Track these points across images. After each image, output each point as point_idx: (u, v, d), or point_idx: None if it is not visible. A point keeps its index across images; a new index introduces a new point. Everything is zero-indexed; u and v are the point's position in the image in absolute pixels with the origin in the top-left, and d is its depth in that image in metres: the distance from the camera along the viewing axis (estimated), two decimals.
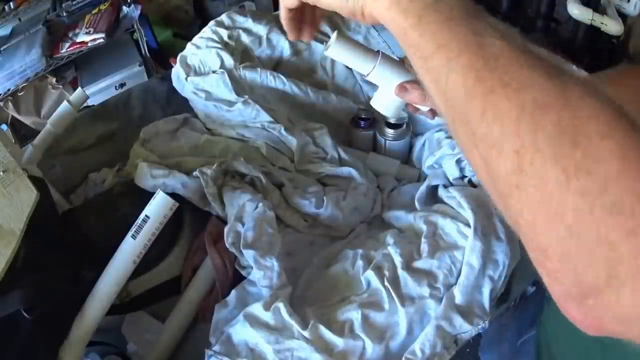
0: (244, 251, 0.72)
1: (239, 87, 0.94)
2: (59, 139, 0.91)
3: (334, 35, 0.61)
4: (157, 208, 0.65)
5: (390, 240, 0.76)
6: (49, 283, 0.65)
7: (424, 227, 0.76)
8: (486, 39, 0.33)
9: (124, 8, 1.76)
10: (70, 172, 0.95)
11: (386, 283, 0.68)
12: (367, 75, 0.64)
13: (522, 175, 0.28)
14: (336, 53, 0.62)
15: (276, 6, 2.12)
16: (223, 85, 0.93)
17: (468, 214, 0.73)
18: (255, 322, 0.66)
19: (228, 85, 0.92)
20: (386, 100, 0.66)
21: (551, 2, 1.19)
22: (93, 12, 1.75)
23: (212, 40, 1.00)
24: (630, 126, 0.27)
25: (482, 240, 0.70)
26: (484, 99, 0.31)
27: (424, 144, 0.93)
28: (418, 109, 0.66)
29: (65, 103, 0.87)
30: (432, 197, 0.85)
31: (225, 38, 1.00)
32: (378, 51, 0.64)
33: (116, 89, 1.75)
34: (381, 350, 0.65)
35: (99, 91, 1.73)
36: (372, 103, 0.66)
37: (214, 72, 0.96)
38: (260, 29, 1.02)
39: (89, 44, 1.68)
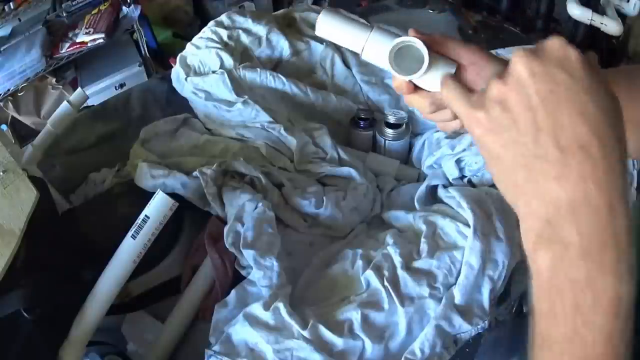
0: (243, 251, 0.72)
1: (239, 87, 0.94)
2: (59, 139, 0.91)
3: (322, 11, 0.53)
4: (157, 208, 0.65)
5: (389, 240, 0.76)
6: (49, 283, 0.65)
7: (423, 227, 0.76)
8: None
9: (124, 8, 1.77)
10: (70, 172, 0.95)
11: (386, 283, 0.68)
12: (362, 52, 0.53)
13: None
14: (324, 30, 0.53)
15: (276, 6, 2.13)
16: (223, 85, 0.93)
17: (467, 214, 0.73)
18: (255, 322, 0.66)
19: (228, 85, 0.92)
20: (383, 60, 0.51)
21: (551, 2, 1.19)
22: (93, 12, 1.76)
23: (212, 40, 1.00)
24: None
25: (482, 240, 0.70)
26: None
27: (423, 144, 0.93)
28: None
29: (65, 103, 0.87)
30: (432, 197, 0.85)
31: (225, 38, 1.00)
32: (373, 25, 0.54)
33: (116, 89, 1.75)
34: (381, 350, 0.65)
35: (99, 91, 1.73)
36: (364, 56, 0.53)
37: (213, 72, 0.96)
38: (260, 29, 1.02)
39: (89, 44, 1.68)
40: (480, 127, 0.35)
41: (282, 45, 1.03)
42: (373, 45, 0.52)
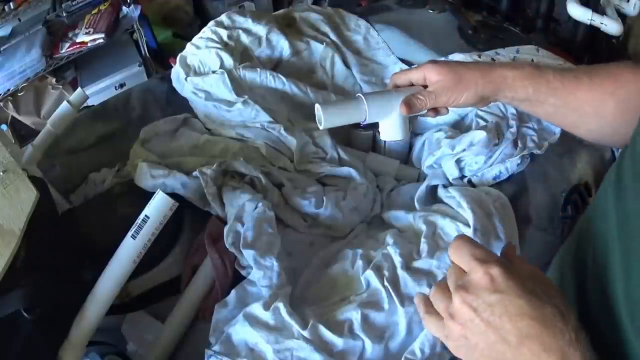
0: (243, 251, 0.72)
1: (239, 87, 0.94)
2: (59, 139, 0.91)
3: (317, 107, 0.71)
4: (157, 208, 0.65)
5: (389, 240, 0.76)
6: (49, 283, 0.65)
7: (423, 227, 0.76)
8: None
9: (124, 8, 1.77)
10: (70, 172, 0.95)
11: (386, 283, 0.68)
12: (366, 120, 0.72)
13: None
14: (329, 121, 0.71)
15: (276, 6, 2.13)
16: (223, 85, 0.93)
17: (467, 214, 0.73)
18: (255, 321, 0.66)
19: (228, 85, 0.92)
20: (393, 127, 0.73)
21: (551, 2, 1.19)
22: (93, 12, 1.76)
23: (212, 40, 1.00)
24: None
25: (482, 240, 0.70)
26: None
27: (423, 144, 0.93)
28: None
29: (65, 103, 0.87)
30: (432, 197, 0.85)
31: (225, 38, 1.00)
32: (358, 95, 0.72)
33: (116, 89, 1.75)
34: (381, 350, 0.65)
35: (99, 91, 1.73)
36: (383, 137, 0.74)
37: (213, 72, 0.96)
38: (260, 29, 1.02)
39: (89, 44, 1.68)
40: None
41: (282, 45, 1.03)
42: (372, 112, 0.72)
